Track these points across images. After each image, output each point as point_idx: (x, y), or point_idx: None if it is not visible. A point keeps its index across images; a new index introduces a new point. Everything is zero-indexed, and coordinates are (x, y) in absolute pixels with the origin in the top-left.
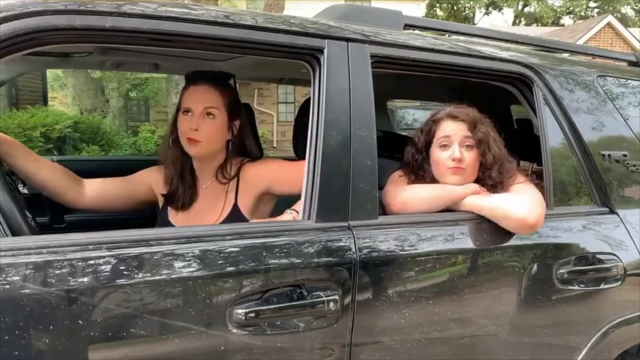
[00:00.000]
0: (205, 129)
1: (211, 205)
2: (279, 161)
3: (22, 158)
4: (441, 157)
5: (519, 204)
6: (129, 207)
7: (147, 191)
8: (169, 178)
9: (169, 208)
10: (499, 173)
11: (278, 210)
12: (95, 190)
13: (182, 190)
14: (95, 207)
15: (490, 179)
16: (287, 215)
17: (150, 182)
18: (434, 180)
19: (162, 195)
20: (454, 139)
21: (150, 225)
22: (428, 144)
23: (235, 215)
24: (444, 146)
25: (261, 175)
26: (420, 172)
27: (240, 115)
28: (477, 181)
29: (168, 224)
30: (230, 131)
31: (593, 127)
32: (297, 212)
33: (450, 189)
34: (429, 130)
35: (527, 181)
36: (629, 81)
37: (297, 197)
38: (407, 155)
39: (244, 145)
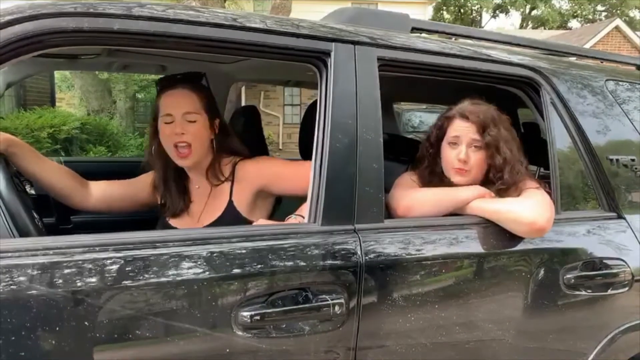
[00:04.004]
0: (190, 131)
1: (206, 204)
2: (275, 159)
3: (30, 160)
4: (449, 155)
5: (527, 207)
6: (132, 209)
7: (149, 193)
8: (157, 187)
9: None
10: (510, 175)
11: (279, 214)
12: (100, 193)
13: (171, 200)
14: (100, 209)
15: (501, 181)
16: (293, 220)
17: (152, 184)
18: (444, 175)
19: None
20: (462, 139)
21: (155, 226)
22: (440, 139)
23: (231, 212)
24: (453, 144)
25: (256, 173)
26: (433, 165)
27: (219, 113)
28: (487, 183)
29: (167, 225)
30: (213, 130)
31: (601, 132)
32: (302, 217)
33: (455, 193)
34: (441, 126)
35: (539, 187)
36: (638, 85)
37: (298, 196)
38: (422, 148)
39: (227, 143)
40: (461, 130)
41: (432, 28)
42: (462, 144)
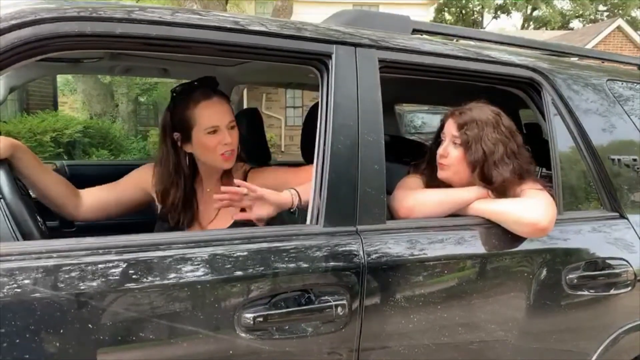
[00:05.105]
0: (234, 139)
1: (216, 209)
2: (282, 168)
3: (32, 166)
4: (438, 151)
5: (529, 207)
6: (127, 213)
7: (143, 194)
8: (173, 205)
9: None
10: (481, 175)
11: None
12: (92, 201)
13: (184, 214)
14: (92, 218)
15: (474, 178)
16: (286, 193)
17: (145, 184)
18: None
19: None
20: (446, 136)
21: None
22: (439, 137)
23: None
24: (442, 140)
25: (269, 180)
26: (432, 162)
27: None
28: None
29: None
30: None
31: (602, 132)
32: (298, 192)
33: (457, 194)
34: (441, 125)
35: (542, 188)
36: (639, 85)
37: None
38: (428, 147)
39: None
40: (447, 127)
41: (433, 29)
42: (446, 140)
